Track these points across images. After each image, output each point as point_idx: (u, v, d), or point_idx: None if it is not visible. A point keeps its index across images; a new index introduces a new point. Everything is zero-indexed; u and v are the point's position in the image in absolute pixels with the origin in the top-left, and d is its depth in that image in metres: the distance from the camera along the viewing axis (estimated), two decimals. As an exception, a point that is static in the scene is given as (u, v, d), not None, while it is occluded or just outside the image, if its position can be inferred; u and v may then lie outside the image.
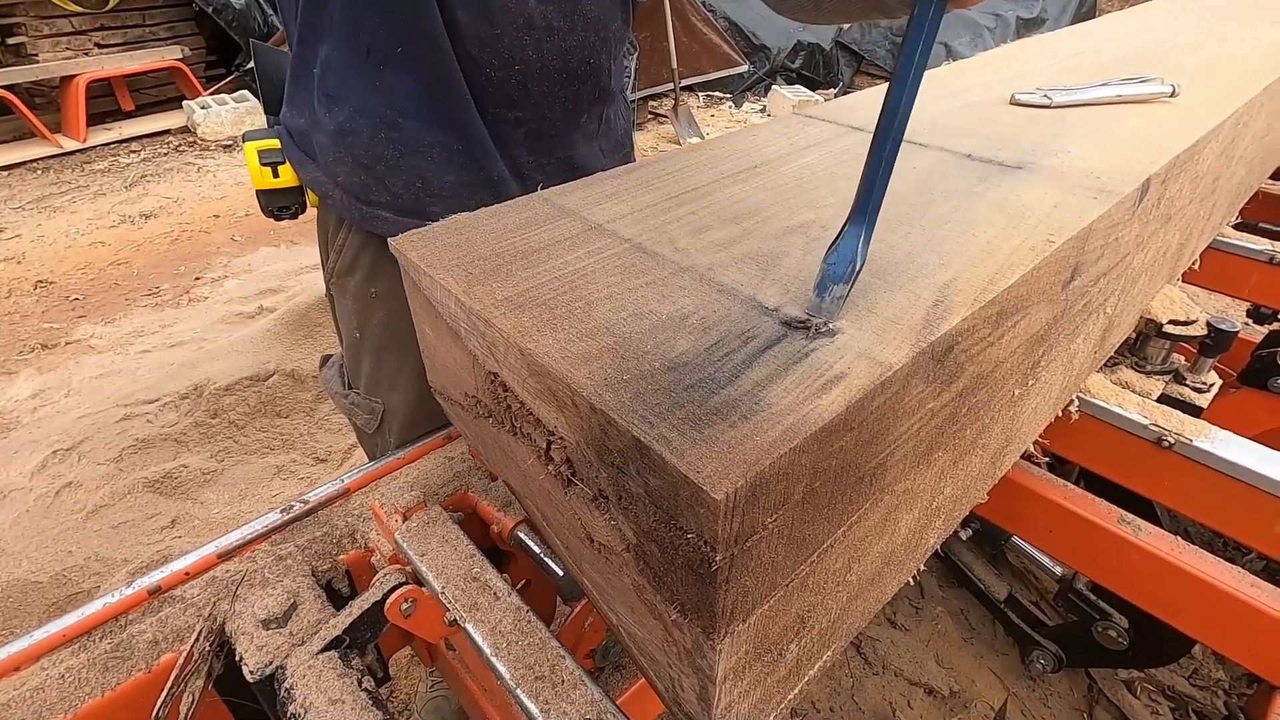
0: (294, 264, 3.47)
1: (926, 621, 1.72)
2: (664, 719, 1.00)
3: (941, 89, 1.20)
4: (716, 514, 0.40)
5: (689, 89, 6.07)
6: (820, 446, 0.46)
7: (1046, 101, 1.06)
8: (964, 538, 1.61)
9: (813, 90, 6.20)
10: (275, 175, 1.04)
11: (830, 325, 0.54)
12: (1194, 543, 0.99)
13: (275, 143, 1.04)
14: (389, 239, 0.70)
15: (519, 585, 1.04)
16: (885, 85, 1.00)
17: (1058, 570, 1.46)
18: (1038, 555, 1.49)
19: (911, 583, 0.80)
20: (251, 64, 5.55)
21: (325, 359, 1.29)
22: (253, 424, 2.34)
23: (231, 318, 2.98)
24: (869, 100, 1.14)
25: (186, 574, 0.86)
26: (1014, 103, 1.09)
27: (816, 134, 0.97)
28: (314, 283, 3.16)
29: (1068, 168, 0.85)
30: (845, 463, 0.50)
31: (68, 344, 2.87)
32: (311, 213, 1.14)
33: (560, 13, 0.90)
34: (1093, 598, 1.41)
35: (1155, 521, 1.05)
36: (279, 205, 1.06)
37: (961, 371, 0.60)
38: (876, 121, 0.53)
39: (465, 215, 0.74)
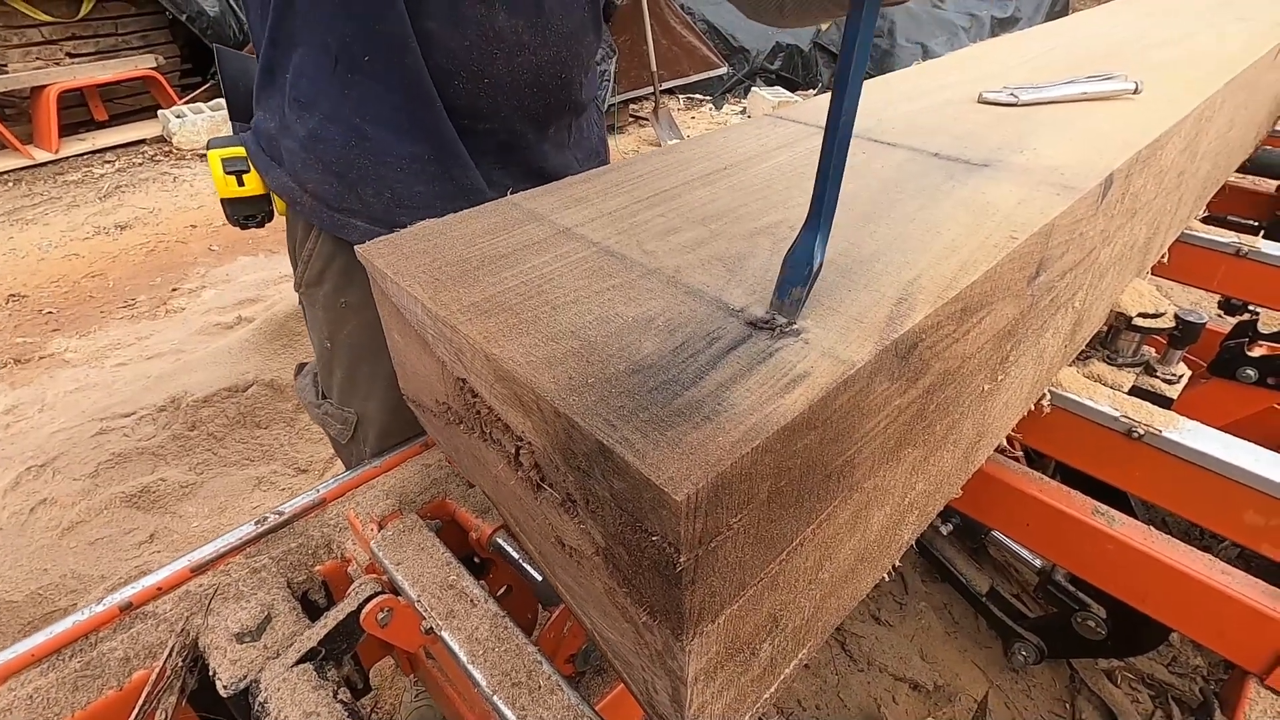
0: (272, 273, 3.44)
1: (910, 617, 1.73)
2: (647, 722, 1.00)
3: (911, 88, 1.21)
4: (679, 515, 0.40)
5: (669, 92, 6.09)
6: (784, 446, 0.46)
7: (1013, 100, 1.08)
8: (945, 533, 1.62)
9: (792, 91, 6.24)
10: (240, 184, 1.02)
11: (794, 325, 0.54)
12: (1171, 533, 1.00)
13: (240, 150, 1.03)
14: (356, 247, 0.69)
15: (499, 592, 1.04)
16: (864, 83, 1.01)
17: (1037, 563, 1.48)
18: (1017, 548, 1.50)
19: (888, 577, 0.81)
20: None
21: (300, 367, 1.28)
22: (232, 435, 2.32)
23: (209, 328, 2.95)
24: (839, 101, 1.15)
25: (159, 589, 0.85)
26: (981, 101, 1.10)
27: (786, 135, 0.98)
28: (292, 292, 3.13)
29: (1033, 165, 0.86)
30: (810, 461, 0.50)
31: (41, 358, 2.83)
32: (282, 221, 1.13)
33: (530, 28, 0.90)
34: (1071, 589, 1.42)
35: (1130, 513, 1.06)
36: (244, 214, 1.05)
37: (927, 368, 0.61)
38: (824, 126, 0.53)
39: (433, 221, 0.74)
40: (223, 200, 1.04)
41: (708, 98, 6.33)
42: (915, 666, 1.62)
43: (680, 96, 6.32)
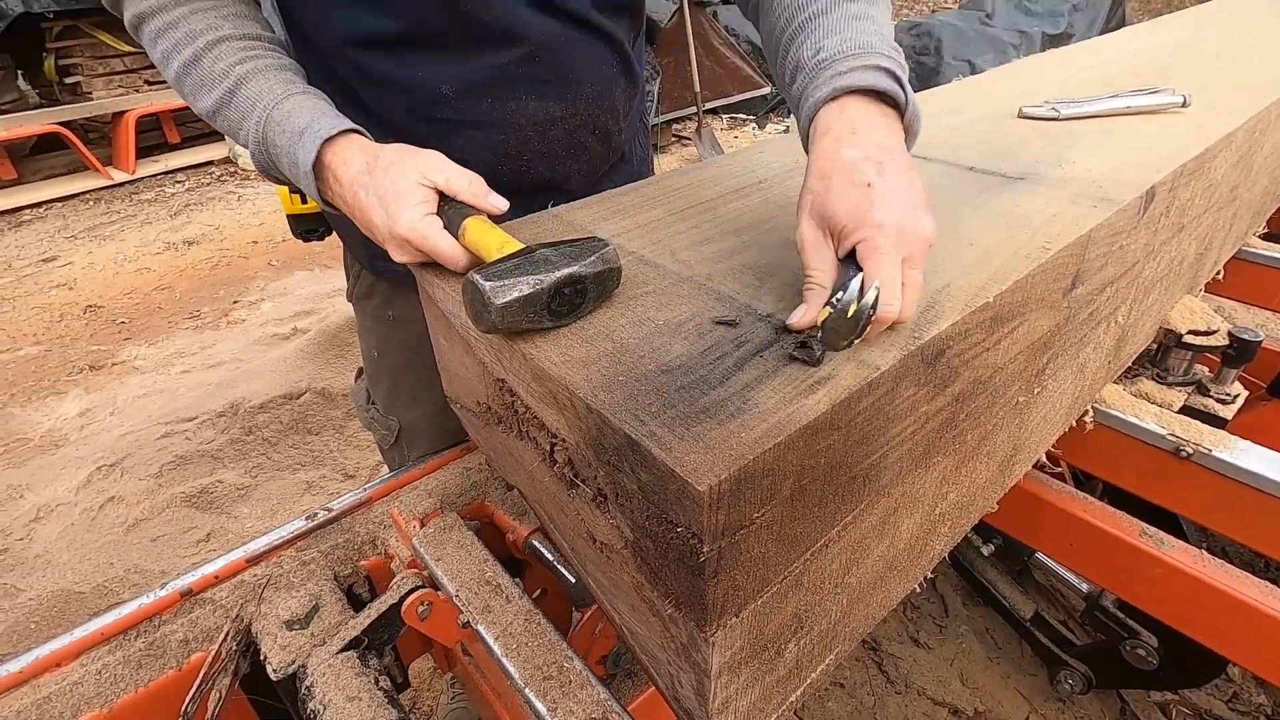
0: (327, 287, 3.58)
1: (951, 640, 1.69)
2: (677, 729, 1.01)
3: (952, 103, 1.22)
4: (701, 506, 0.42)
5: (712, 111, 6.14)
6: (806, 444, 0.47)
7: (1054, 114, 1.07)
8: (986, 554, 1.59)
9: (836, 110, 6.21)
10: (304, 201, 1.09)
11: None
12: (1232, 562, 0.97)
13: None
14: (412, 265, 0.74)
15: (535, 594, 1.07)
16: None
17: (1084, 587, 1.43)
18: (1063, 572, 1.46)
19: (919, 588, 0.81)
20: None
21: (360, 372, 1.35)
22: (285, 441, 2.41)
23: (267, 339, 3.08)
24: (876, 117, 1.16)
25: (216, 577, 0.90)
26: (1021, 115, 1.10)
27: (822, 150, 1.00)
28: (345, 305, 3.25)
29: (1071, 178, 0.85)
30: (834, 462, 0.51)
31: (114, 365, 3.00)
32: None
33: (561, 104, 0.91)
34: (1121, 616, 1.37)
35: (1181, 536, 1.03)
36: (307, 229, 1.13)
37: (956, 376, 0.62)
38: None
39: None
40: (288, 216, 1.11)
41: (750, 117, 6.36)
42: (955, 691, 1.58)
43: (724, 116, 6.38)
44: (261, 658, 0.81)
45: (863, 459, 0.55)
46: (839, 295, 0.52)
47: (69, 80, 5.31)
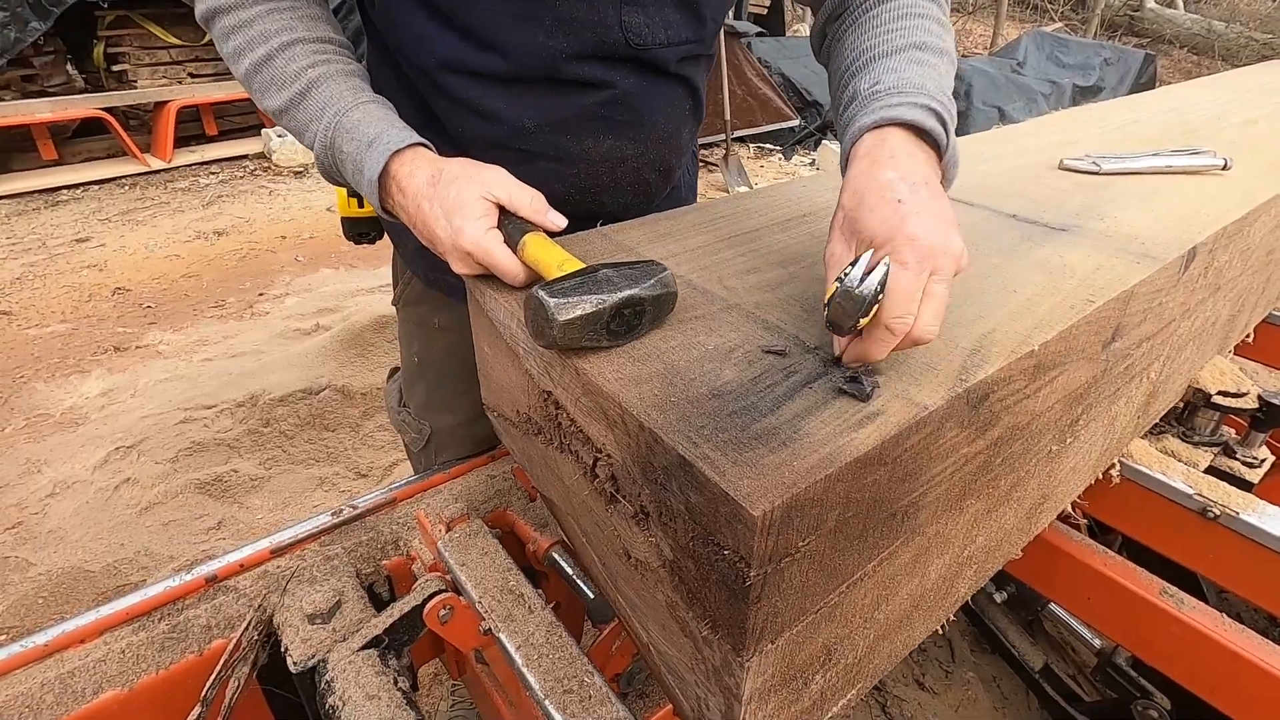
0: (351, 286, 3.62)
1: (956, 686, 1.67)
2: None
3: (990, 150, 1.24)
4: (754, 531, 0.43)
5: (740, 140, 6.21)
6: (854, 477, 0.48)
7: (1095, 168, 1.08)
8: (999, 600, 1.57)
9: (863, 146, 6.26)
10: (360, 205, 1.12)
11: (871, 365, 0.57)
12: (1247, 625, 0.96)
13: None
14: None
15: (549, 607, 1.07)
16: None
17: (1096, 643, 1.41)
18: (1076, 625, 1.45)
19: (939, 632, 0.81)
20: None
21: (393, 372, 1.37)
22: (301, 435, 2.43)
23: (290, 333, 3.12)
24: (918, 159, 1.18)
25: (241, 565, 0.92)
26: (1062, 167, 1.11)
27: (865, 188, 1.01)
28: (369, 304, 3.29)
29: (1113, 232, 0.87)
30: (878, 497, 0.52)
31: (138, 348, 3.04)
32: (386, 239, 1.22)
33: (634, 144, 0.94)
34: (1133, 674, 1.35)
35: (1201, 597, 1.02)
36: (359, 231, 1.15)
37: (997, 420, 0.62)
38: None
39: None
40: (343, 219, 1.13)
41: (778, 148, 6.42)
42: (958, 739, 1.55)
43: (751, 145, 6.44)
44: (282, 649, 0.82)
45: (904, 496, 0.55)
46: (845, 271, 0.52)
47: (116, 68, 5.44)
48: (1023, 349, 0.61)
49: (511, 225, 0.69)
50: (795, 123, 6.32)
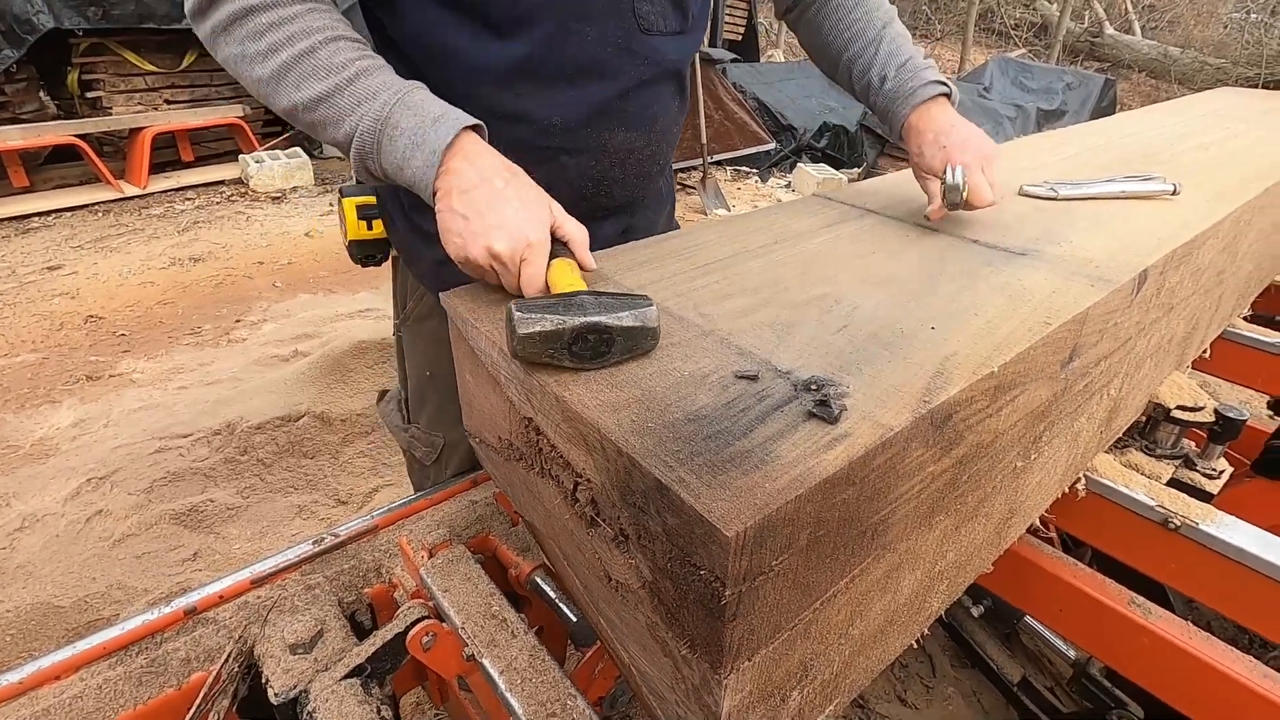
0: (330, 311, 3.61)
1: (938, 701, 1.68)
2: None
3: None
4: (728, 551, 0.45)
5: (717, 164, 6.31)
6: (824, 497, 0.50)
7: (1052, 194, 1.13)
8: (976, 615, 1.60)
9: (837, 169, 6.41)
10: (369, 228, 1.13)
11: (839, 389, 0.59)
12: (1214, 632, 0.99)
13: (372, 199, 1.14)
14: (440, 294, 0.77)
15: (532, 631, 1.07)
16: (905, 170, 1.14)
17: (1071, 654, 1.44)
18: (1051, 637, 1.47)
19: (915, 646, 0.82)
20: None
21: (382, 394, 1.39)
22: (280, 463, 2.41)
23: (267, 360, 3.09)
24: (883, 185, 1.22)
25: (221, 597, 0.91)
26: (1021, 194, 1.16)
27: (834, 215, 1.05)
28: (348, 330, 3.28)
29: (1069, 256, 0.91)
30: (848, 515, 0.54)
31: (111, 376, 3.00)
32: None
33: (641, 135, 1.06)
34: (1107, 685, 1.38)
35: (1168, 607, 1.05)
36: (367, 254, 1.17)
37: (961, 439, 0.65)
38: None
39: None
40: (351, 241, 1.15)
41: (754, 171, 6.54)
42: (941, 754, 1.57)
43: (728, 168, 6.55)
44: (263, 680, 0.81)
45: (873, 514, 0.58)
46: (943, 176, 0.95)
47: (90, 95, 5.42)
48: (983, 370, 0.64)
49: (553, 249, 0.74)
50: (771, 146, 6.45)
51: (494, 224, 0.72)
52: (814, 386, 0.59)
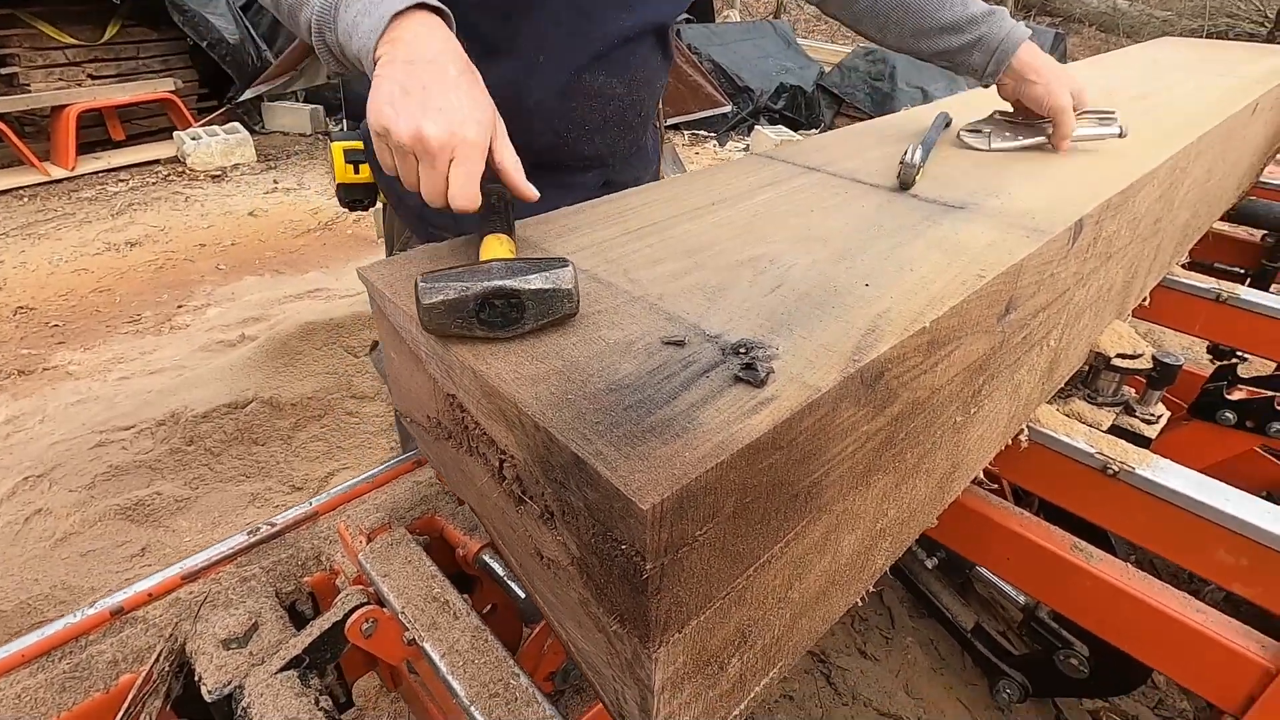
0: (279, 293, 3.49)
1: (897, 651, 1.73)
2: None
3: (896, 132, 1.27)
4: (644, 524, 0.43)
5: (674, 128, 6.22)
6: (748, 463, 0.49)
7: (985, 145, 1.12)
8: (930, 566, 1.63)
9: (795, 130, 6.37)
10: (356, 172, 1.14)
11: (768, 351, 0.58)
12: (1160, 576, 1.02)
13: (359, 144, 1.15)
14: (357, 269, 0.73)
15: (485, 609, 1.06)
16: (851, 127, 1.11)
17: (1021, 599, 1.49)
18: (1002, 585, 1.52)
19: (860, 602, 0.83)
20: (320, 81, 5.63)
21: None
22: (229, 451, 2.34)
23: (213, 345, 2.99)
24: (826, 141, 1.20)
25: (150, 595, 0.87)
26: (956, 143, 1.15)
27: (773, 174, 1.03)
28: (297, 311, 3.18)
29: (1007, 208, 0.90)
30: (776, 480, 0.53)
31: (45, 370, 2.86)
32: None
33: (620, 81, 1.06)
34: (1055, 626, 1.43)
35: (1111, 552, 1.08)
36: (355, 198, 1.17)
37: (895, 397, 0.64)
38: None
39: (434, 245, 0.77)
40: (339, 185, 1.16)
41: (712, 134, 6.46)
42: (900, 702, 1.61)
43: (685, 132, 6.46)
44: (196, 678, 0.78)
45: (805, 477, 0.56)
46: (904, 154, 0.95)
47: (4, 72, 5.08)
48: (915, 326, 0.62)
49: (485, 223, 0.71)
50: (728, 108, 6.37)
51: (435, 106, 0.65)
52: (742, 350, 0.58)
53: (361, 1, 0.71)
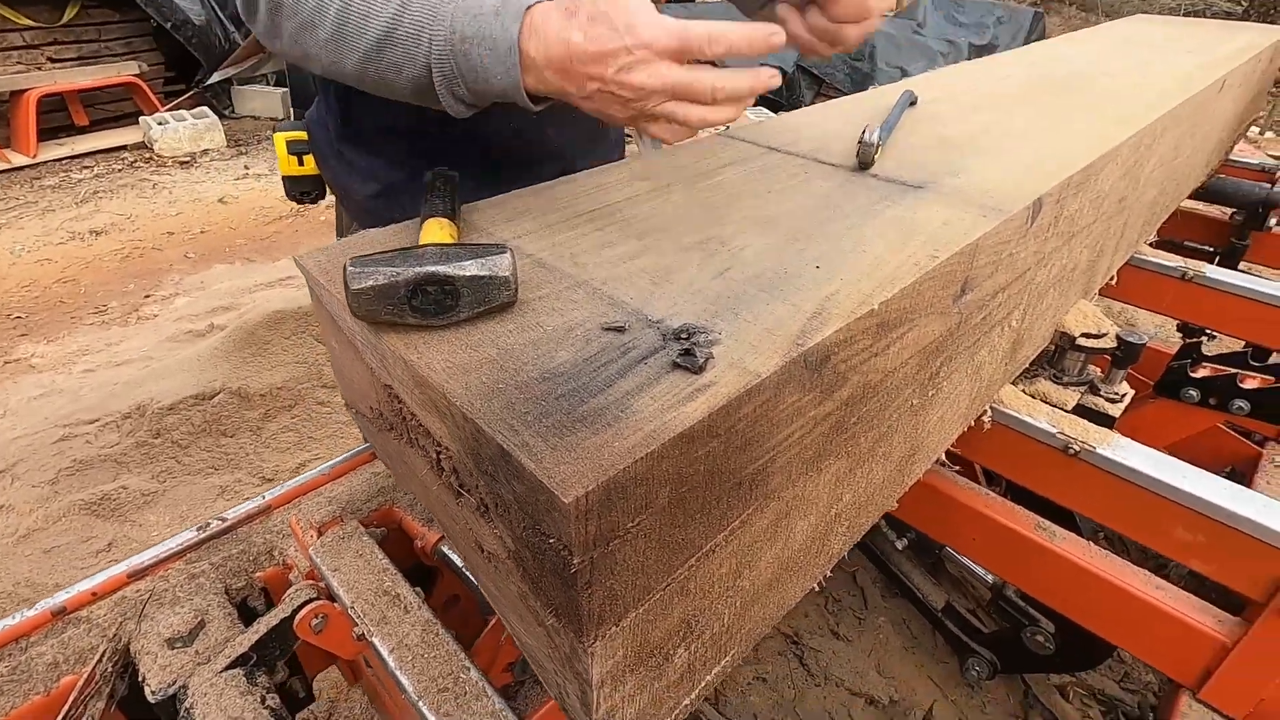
0: (249, 281, 3.42)
1: (869, 631, 1.74)
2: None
3: (864, 111, 1.25)
4: (569, 518, 0.42)
5: (653, 109, 6.15)
6: (682, 452, 0.47)
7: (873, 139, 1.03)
8: (901, 547, 1.64)
9: (774, 111, 6.32)
10: (300, 164, 1.11)
11: (709, 336, 0.56)
12: (1129, 555, 1.02)
13: (303, 134, 1.11)
14: (294, 256, 0.71)
15: (446, 601, 1.04)
16: (816, 106, 1.05)
17: (990, 578, 1.50)
18: (971, 564, 1.53)
19: (819, 588, 0.82)
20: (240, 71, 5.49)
21: None
22: (197, 444, 2.30)
23: (181, 336, 2.93)
24: (790, 121, 1.18)
25: (94, 594, 0.85)
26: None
27: (734, 154, 1.01)
28: (265, 300, 3.12)
29: (965, 187, 0.89)
30: (716, 468, 0.51)
31: (6, 363, 2.79)
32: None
33: None
34: (1022, 604, 1.44)
35: (1075, 530, 1.09)
36: (302, 190, 1.14)
37: (844, 381, 0.63)
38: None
39: (373, 231, 0.75)
40: (284, 177, 1.12)
41: (691, 116, 6.41)
42: (872, 681, 1.63)
43: (664, 114, 6.40)
44: (140, 679, 0.76)
45: (748, 464, 0.55)
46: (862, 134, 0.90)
47: (-41, 54, 4.92)
48: (863, 308, 0.61)
49: (428, 206, 0.70)
50: (706, 90, 6.30)
51: (637, 21, 0.59)
52: (684, 335, 0.56)
53: (478, 45, 0.65)
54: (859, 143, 0.92)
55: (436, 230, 0.66)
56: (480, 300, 0.56)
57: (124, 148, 5.29)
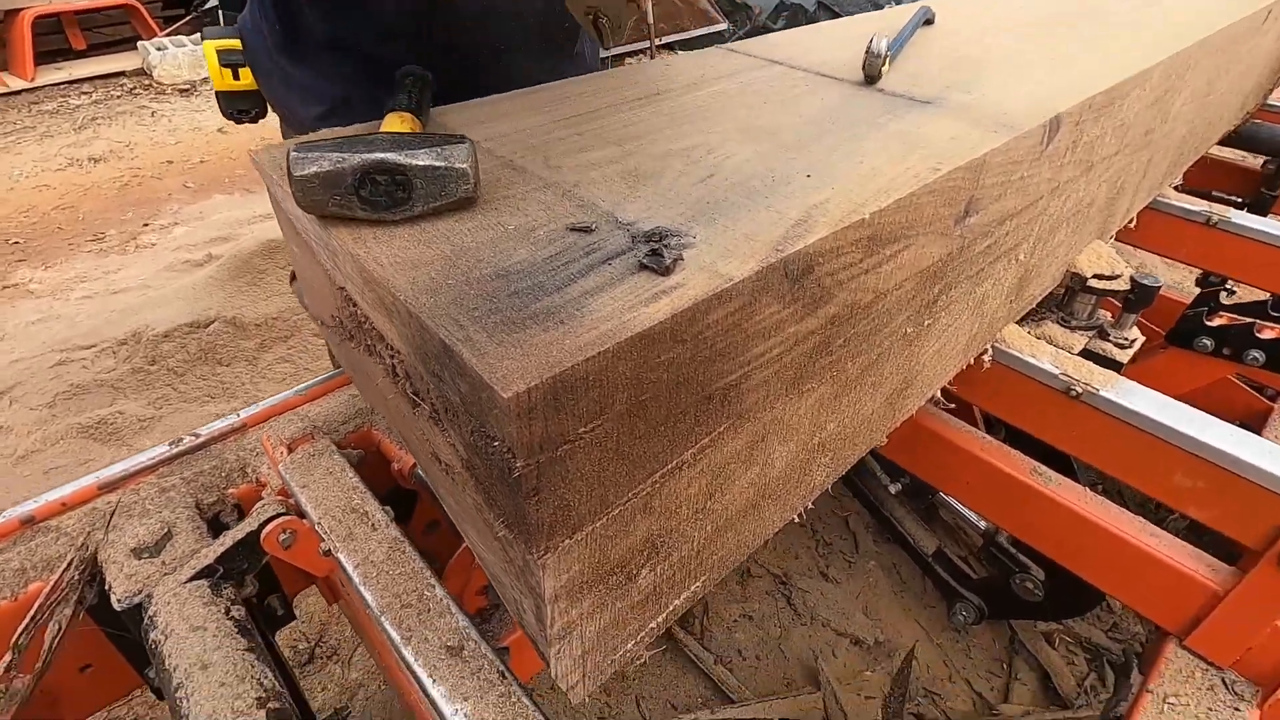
0: (249, 212, 3.37)
1: (859, 575, 1.74)
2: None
3: (877, 28, 1.16)
4: (509, 414, 0.38)
5: (667, 47, 5.92)
6: (641, 356, 0.44)
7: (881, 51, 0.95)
8: (893, 492, 1.62)
9: (793, 52, 6.08)
10: (235, 77, 0.98)
11: (682, 240, 0.52)
12: (1126, 505, 0.99)
13: (236, 43, 0.98)
14: (249, 150, 0.66)
15: (426, 525, 1.03)
16: (826, 22, 0.96)
17: (982, 525, 1.48)
18: (964, 511, 1.51)
19: (806, 526, 0.80)
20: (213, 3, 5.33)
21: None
22: (192, 372, 2.29)
23: (178, 265, 2.89)
24: (798, 36, 1.10)
25: (64, 504, 0.84)
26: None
27: (733, 66, 0.94)
28: (263, 230, 3.07)
29: (979, 103, 0.82)
30: (681, 378, 0.48)
31: (4, 288, 2.78)
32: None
33: None
34: (1012, 551, 1.43)
35: (1072, 475, 1.05)
36: (238, 108, 1.02)
37: (829, 296, 0.59)
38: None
39: (337, 128, 0.70)
40: (218, 93, 1.00)
41: (706, 55, 6.18)
42: (858, 623, 1.63)
43: (679, 51, 6.17)
44: (106, 587, 0.76)
45: (718, 378, 0.51)
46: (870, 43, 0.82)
47: (-50, -30, 4.76)
48: (853, 217, 0.56)
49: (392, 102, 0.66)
50: (723, 26, 6.06)
51: None
52: (655, 238, 0.52)
53: None
54: (866, 54, 0.85)
55: (396, 122, 0.61)
56: (435, 194, 0.52)
57: (123, 73, 5.17)
